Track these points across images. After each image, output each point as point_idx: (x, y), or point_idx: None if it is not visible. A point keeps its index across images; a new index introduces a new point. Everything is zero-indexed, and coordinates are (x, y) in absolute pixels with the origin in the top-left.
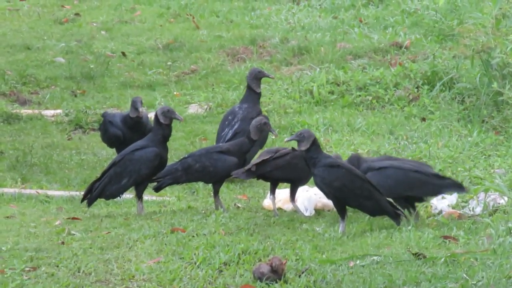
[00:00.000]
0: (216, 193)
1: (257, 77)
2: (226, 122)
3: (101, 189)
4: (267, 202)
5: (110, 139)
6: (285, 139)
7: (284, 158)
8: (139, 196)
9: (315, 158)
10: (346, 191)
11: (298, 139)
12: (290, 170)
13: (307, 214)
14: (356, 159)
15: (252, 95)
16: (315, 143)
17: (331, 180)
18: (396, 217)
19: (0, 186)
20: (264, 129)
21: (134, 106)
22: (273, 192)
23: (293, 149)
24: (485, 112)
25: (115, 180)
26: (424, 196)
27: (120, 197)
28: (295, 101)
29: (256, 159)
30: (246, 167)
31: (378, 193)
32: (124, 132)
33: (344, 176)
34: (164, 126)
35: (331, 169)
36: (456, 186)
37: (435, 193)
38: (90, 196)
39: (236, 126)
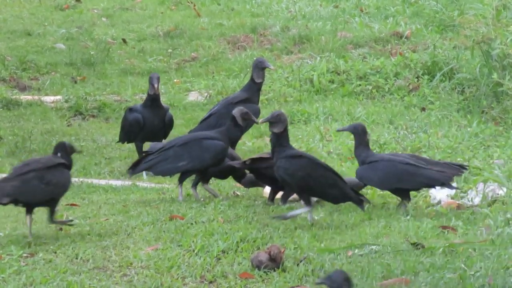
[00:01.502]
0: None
1: (258, 66)
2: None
3: (153, 164)
4: (267, 189)
5: (131, 126)
6: (260, 120)
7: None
8: (181, 181)
9: (284, 147)
10: (310, 181)
11: (274, 120)
12: None
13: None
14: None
15: (251, 84)
16: (286, 129)
17: (294, 170)
18: (360, 203)
19: None
20: (246, 118)
21: (151, 82)
22: (271, 199)
23: None
24: (485, 103)
25: (172, 159)
26: (414, 189)
27: (169, 177)
28: (296, 89)
29: (257, 154)
30: (243, 160)
31: (342, 180)
32: (144, 115)
33: (307, 166)
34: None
35: (293, 159)
36: (445, 180)
37: (425, 186)
38: (137, 167)
39: (214, 109)
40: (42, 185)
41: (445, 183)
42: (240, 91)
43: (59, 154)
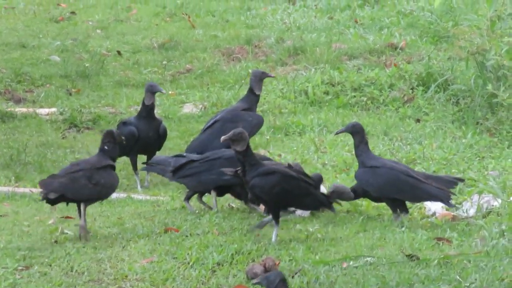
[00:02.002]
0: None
1: (261, 78)
2: (213, 116)
3: (196, 172)
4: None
5: (126, 140)
6: (222, 138)
7: None
8: (199, 197)
9: (254, 165)
10: (286, 194)
11: (235, 138)
12: None
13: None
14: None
15: (250, 96)
16: (249, 146)
17: (270, 187)
18: (330, 206)
19: None
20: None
21: (152, 90)
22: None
23: (289, 165)
24: (480, 114)
25: (218, 171)
26: (411, 201)
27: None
28: (290, 101)
29: None
30: (234, 170)
31: (313, 187)
32: (138, 128)
33: (281, 181)
34: None
35: (267, 176)
36: (444, 198)
37: (422, 199)
38: (179, 171)
39: (218, 116)
40: (90, 185)
41: (444, 201)
42: (240, 102)
43: (105, 146)
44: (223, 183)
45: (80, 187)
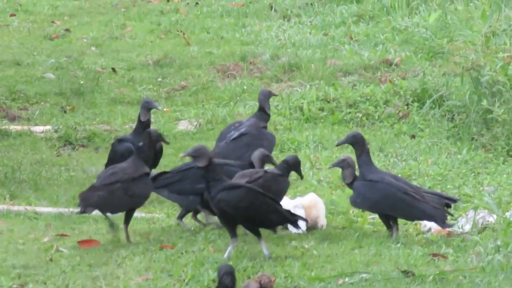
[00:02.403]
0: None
1: (269, 96)
2: (233, 127)
3: (170, 182)
4: None
5: (123, 157)
6: (180, 155)
7: (257, 182)
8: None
9: (217, 180)
10: (253, 210)
11: (195, 154)
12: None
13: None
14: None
15: (263, 114)
16: (212, 161)
17: (236, 202)
18: (295, 223)
19: None
20: (266, 161)
21: (148, 106)
22: None
23: (265, 171)
24: (475, 130)
25: (191, 181)
26: (405, 219)
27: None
28: (285, 118)
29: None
30: None
31: (278, 204)
32: (135, 145)
33: (248, 195)
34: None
35: (234, 190)
36: (438, 218)
37: (416, 218)
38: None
39: (243, 130)
40: (127, 197)
41: (438, 221)
42: (256, 119)
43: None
44: (198, 192)
45: (117, 200)
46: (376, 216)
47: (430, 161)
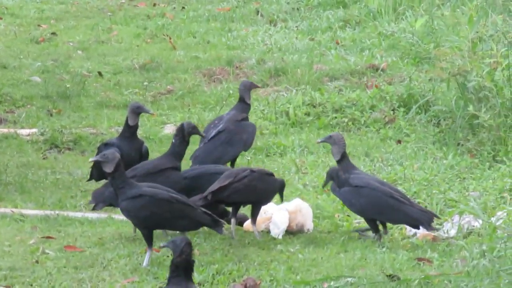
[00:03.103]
0: None
1: (250, 88)
2: (212, 125)
3: None
4: (246, 225)
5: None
6: (90, 159)
7: (242, 182)
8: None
9: (122, 188)
10: (156, 218)
11: (101, 159)
12: (249, 193)
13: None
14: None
15: (243, 105)
16: (119, 167)
17: (137, 211)
18: (216, 226)
19: None
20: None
21: (138, 111)
22: (234, 215)
23: (251, 170)
24: (461, 135)
25: None
26: (391, 223)
27: None
28: (271, 122)
29: (213, 185)
30: (203, 194)
31: (191, 208)
32: (121, 148)
33: (148, 205)
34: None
35: (135, 200)
36: (425, 221)
37: (403, 222)
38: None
39: (220, 126)
40: None
41: (424, 225)
42: (235, 111)
43: (173, 140)
44: None
45: None
46: (362, 220)
47: (416, 166)
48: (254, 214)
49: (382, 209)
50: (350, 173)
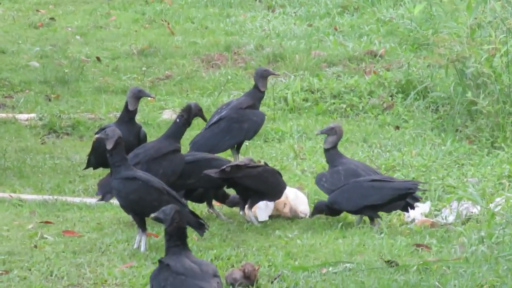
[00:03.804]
0: None
1: (263, 75)
2: (218, 111)
3: None
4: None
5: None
6: (95, 137)
7: (256, 169)
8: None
9: (118, 166)
10: (143, 204)
11: (103, 136)
12: (259, 182)
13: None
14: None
15: (255, 92)
16: (119, 145)
17: (127, 193)
18: (199, 227)
19: None
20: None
21: (139, 95)
22: (243, 207)
23: (265, 163)
24: (459, 121)
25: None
26: (382, 203)
27: None
28: (270, 108)
29: (232, 162)
30: (222, 168)
31: (180, 204)
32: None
33: (140, 189)
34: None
35: (127, 181)
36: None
37: (391, 196)
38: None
39: (222, 113)
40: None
41: (413, 190)
42: (245, 97)
43: (177, 119)
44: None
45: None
46: None
47: (414, 152)
48: (254, 202)
49: (366, 193)
50: (335, 165)
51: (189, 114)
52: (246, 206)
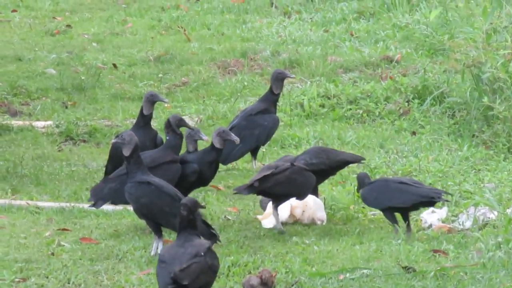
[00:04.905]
0: None
1: (278, 78)
2: (235, 118)
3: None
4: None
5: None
6: (112, 141)
7: (283, 174)
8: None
9: (135, 172)
10: (153, 208)
11: (120, 141)
12: (289, 186)
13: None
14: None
15: (268, 95)
16: (136, 151)
17: (137, 197)
18: (211, 236)
19: None
20: (223, 137)
21: (153, 100)
22: (276, 208)
23: (292, 164)
24: (475, 127)
25: None
26: (407, 206)
27: None
28: (286, 114)
29: (256, 174)
30: (248, 183)
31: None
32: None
33: (152, 194)
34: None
35: (140, 185)
36: (436, 196)
37: (414, 202)
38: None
39: (234, 121)
40: None
41: (435, 199)
42: (257, 102)
43: (167, 136)
44: None
45: None
46: (377, 211)
47: (431, 158)
48: (279, 203)
49: (391, 194)
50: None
51: (171, 127)
52: (272, 206)
